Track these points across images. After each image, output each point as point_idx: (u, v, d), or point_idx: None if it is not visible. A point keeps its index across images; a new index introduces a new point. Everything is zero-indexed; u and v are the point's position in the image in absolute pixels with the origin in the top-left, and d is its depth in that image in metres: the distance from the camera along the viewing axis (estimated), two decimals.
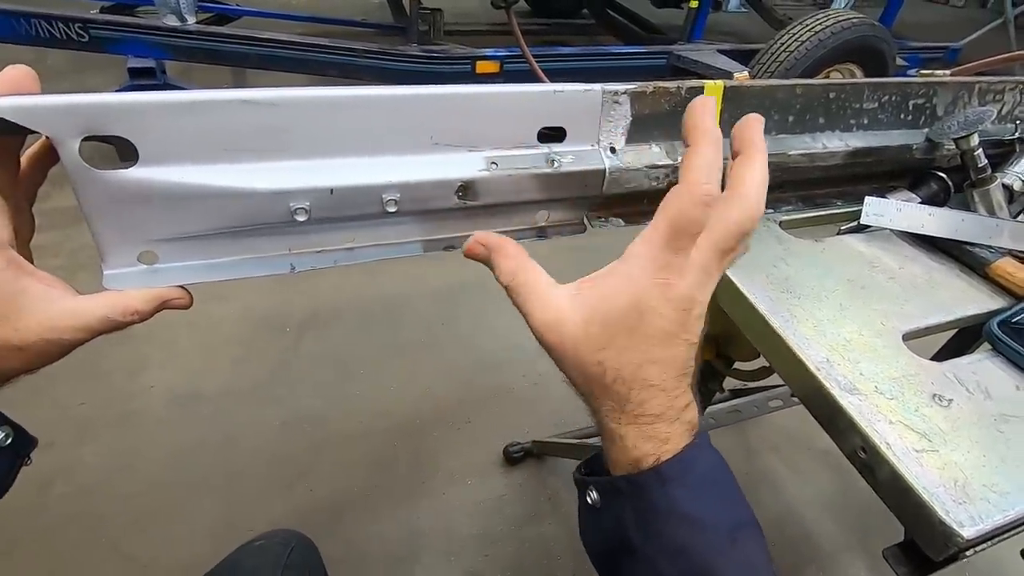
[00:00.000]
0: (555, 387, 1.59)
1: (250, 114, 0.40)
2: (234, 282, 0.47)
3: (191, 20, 1.99)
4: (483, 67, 2.12)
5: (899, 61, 2.33)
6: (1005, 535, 0.39)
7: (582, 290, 0.36)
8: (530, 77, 2.02)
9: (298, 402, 1.46)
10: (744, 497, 0.39)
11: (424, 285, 1.86)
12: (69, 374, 1.41)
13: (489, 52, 2.15)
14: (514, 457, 1.39)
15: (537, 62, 1.97)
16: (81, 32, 1.88)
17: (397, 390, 1.53)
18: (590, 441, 1.28)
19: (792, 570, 1.28)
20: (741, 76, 2.12)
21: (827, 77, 2.16)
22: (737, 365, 0.75)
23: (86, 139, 0.37)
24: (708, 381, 0.78)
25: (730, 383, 1.33)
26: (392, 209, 0.46)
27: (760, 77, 2.06)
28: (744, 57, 2.38)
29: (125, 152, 0.40)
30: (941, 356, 0.86)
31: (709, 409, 1.20)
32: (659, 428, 0.35)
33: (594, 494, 0.38)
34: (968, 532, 0.37)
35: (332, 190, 0.44)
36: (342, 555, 1.18)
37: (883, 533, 1.34)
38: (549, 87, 0.49)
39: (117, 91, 0.40)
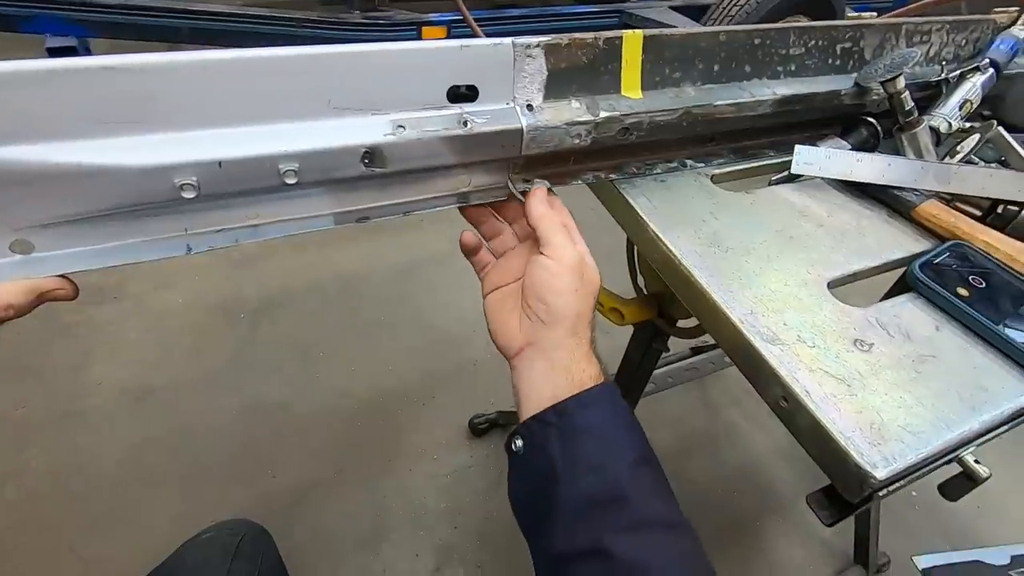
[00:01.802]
0: None
1: (118, 82, 0.37)
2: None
3: None
4: (429, 32, 2.04)
5: (849, 12, 2.33)
6: (918, 473, 0.40)
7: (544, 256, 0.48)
8: None
9: (256, 389, 1.43)
10: (649, 444, 0.45)
11: (381, 262, 1.83)
12: (4, 376, 1.35)
13: (435, 17, 2.07)
14: (480, 429, 1.39)
15: (485, 25, 1.91)
16: None
17: (358, 370, 1.51)
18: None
19: (756, 516, 1.32)
20: None
21: None
22: (681, 323, 0.75)
23: None
24: (653, 341, 0.78)
25: (689, 343, 1.35)
26: (291, 180, 0.43)
27: None
28: (697, 13, 2.34)
29: None
30: None
31: (667, 368, 1.21)
32: (594, 362, 0.46)
33: (519, 441, 0.45)
34: (881, 473, 0.38)
35: (220, 163, 0.41)
36: (309, 539, 1.17)
37: None
38: (455, 42, 0.46)
39: None
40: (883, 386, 0.43)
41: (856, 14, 0.67)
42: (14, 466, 1.21)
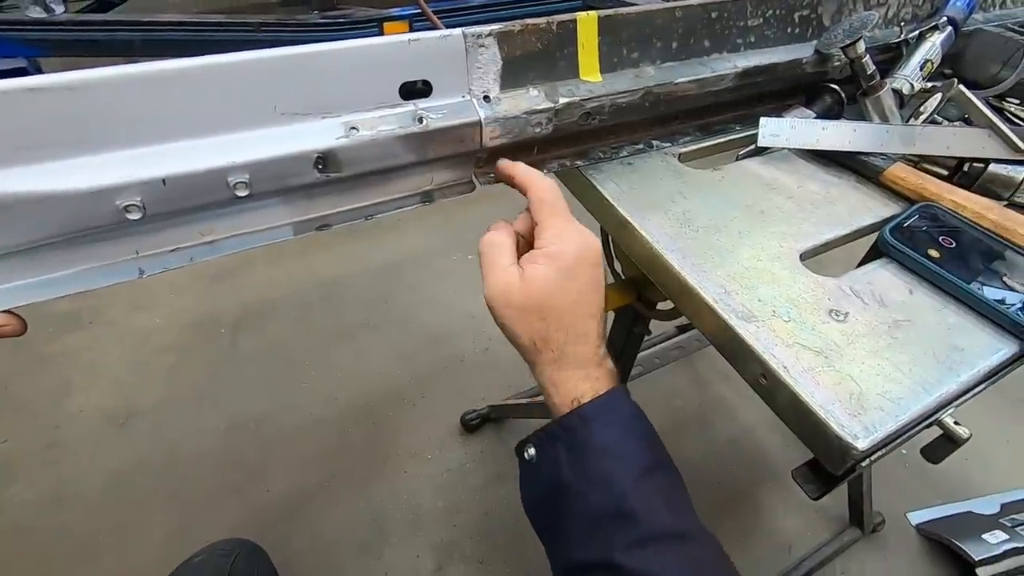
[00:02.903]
0: (506, 351, 1.57)
1: (44, 103, 0.35)
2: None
3: (60, 10, 1.79)
4: (392, 28, 2.00)
5: None
6: (899, 440, 0.39)
7: (524, 268, 0.43)
8: None
9: (242, 403, 1.41)
10: (662, 445, 0.43)
11: (359, 265, 1.80)
12: None
13: (396, 12, 2.02)
14: (472, 425, 1.38)
15: (444, 17, 1.87)
16: None
17: (345, 375, 1.49)
18: (541, 399, 1.28)
19: (750, 486, 1.33)
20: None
21: None
22: (660, 305, 0.74)
23: None
24: (634, 325, 0.78)
25: (675, 323, 1.35)
26: (243, 193, 0.42)
27: None
28: None
29: None
30: None
31: (653, 349, 1.21)
32: (591, 371, 0.43)
33: (531, 450, 0.44)
34: (863, 444, 0.37)
35: (164, 180, 0.39)
36: (307, 549, 1.16)
37: None
38: (402, 37, 0.45)
39: None
40: (860, 355, 0.43)
41: None
42: (0, 502, 1.18)
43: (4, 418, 1.32)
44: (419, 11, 2.05)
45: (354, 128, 0.44)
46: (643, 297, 0.72)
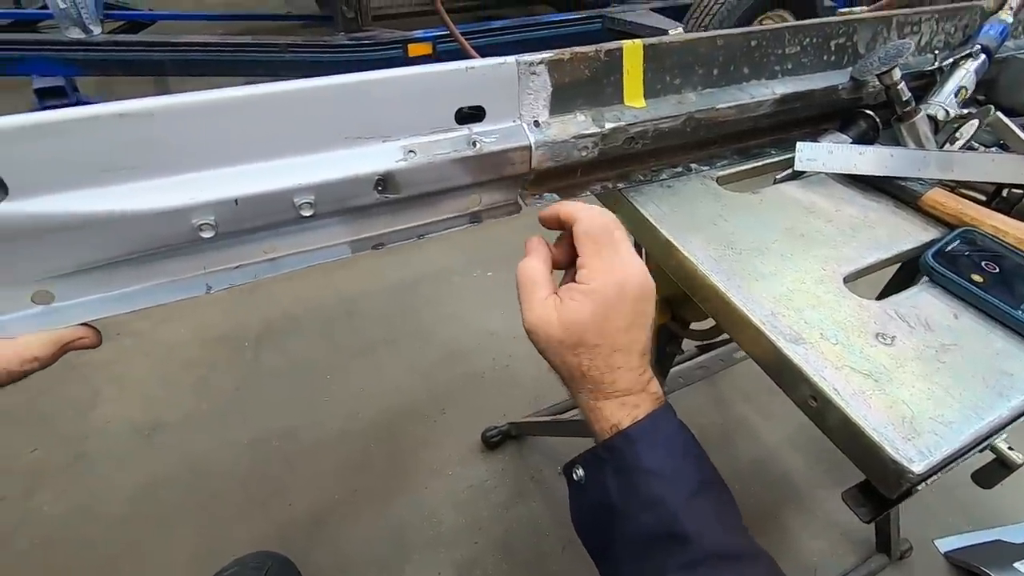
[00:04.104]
0: (526, 367, 1.59)
1: (130, 128, 0.37)
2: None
3: (96, 31, 1.86)
4: (415, 50, 2.06)
5: (827, 2, 2.36)
6: (954, 463, 0.40)
7: (563, 300, 0.43)
8: (464, 57, 1.97)
9: (265, 417, 1.42)
10: (710, 462, 0.44)
11: (381, 281, 1.82)
12: (15, 420, 1.34)
13: (420, 34, 2.08)
14: (492, 442, 1.38)
15: (469, 39, 1.92)
16: None
17: (366, 391, 1.50)
18: (565, 416, 1.28)
19: (773, 508, 1.32)
20: (676, 32, 2.11)
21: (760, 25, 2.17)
22: (693, 325, 0.75)
23: None
24: (667, 344, 0.78)
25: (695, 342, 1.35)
26: (308, 213, 0.43)
27: (695, 31, 2.06)
28: (678, 13, 2.36)
29: None
30: (886, 294, 0.89)
31: (677, 369, 1.21)
32: (630, 399, 0.43)
33: (580, 471, 0.44)
34: (918, 467, 0.38)
35: (237, 200, 0.41)
36: (330, 564, 1.16)
37: (852, 467, 1.39)
38: (460, 64, 0.47)
39: None
40: (910, 378, 0.43)
41: (846, 9, 0.68)
42: (25, 514, 1.19)
43: (34, 428, 1.34)
44: (441, 33, 2.11)
45: (412, 151, 0.46)
46: (677, 316, 0.73)
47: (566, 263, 0.48)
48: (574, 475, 0.45)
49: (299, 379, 1.52)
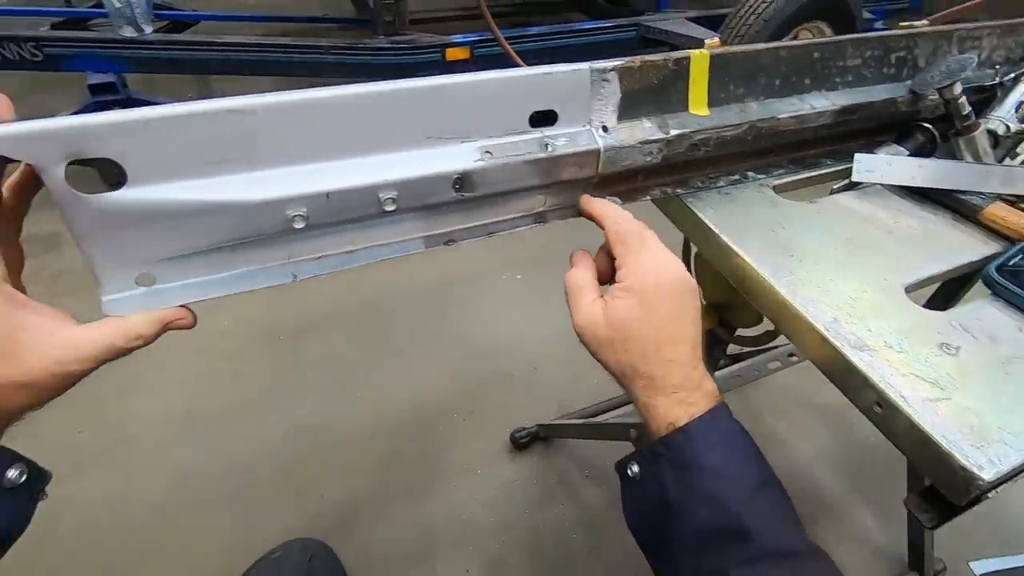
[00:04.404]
0: (555, 370, 1.60)
1: (238, 123, 0.39)
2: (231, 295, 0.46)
3: (148, 30, 1.93)
4: (453, 54, 2.09)
5: (865, 15, 2.34)
6: (1022, 473, 0.40)
7: (607, 301, 0.46)
8: (501, 61, 2.00)
9: (299, 410, 1.45)
10: (767, 463, 0.44)
11: (414, 281, 1.85)
12: (64, 403, 1.37)
13: (458, 39, 2.11)
14: (521, 443, 1.39)
15: (509, 44, 1.94)
16: (35, 51, 1.81)
17: (397, 388, 1.52)
18: (595, 420, 1.29)
19: (805, 523, 1.30)
20: (713, 43, 2.11)
21: (796, 37, 2.17)
22: (740, 332, 0.75)
23: (71, 164, 0.36)
24: (712, 349, 0.79)
25: (731, 349, 1.35)
26: (390, 208, 0.45)
27: (731, 42, 2.06)
28: (714, 23, 2.37)
29: (108, 174, 0.38)
30: (932, 306, 0.88)
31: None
32: (683, 395, 0.43)
33: (635, 467, 0.45)
34: (988, 475, 0.38)
35: (328, 194, 0.43)
36: (360, 558, 1.18)
37: (884, 483, 1.37)
38: (537, 70, 0.48)
39: (80, 110, 0.38)
40: (976, 388, 0.44)
41: (907, 23, 0.68)
42: (71, 494, 1.24)
43: (82, 410, 1.39)
44: (479, 38, 2.14)
45: (488, 152, 0.48)
46: (724, 322, 0.74)
47: (608, 274, 0.50)
48: (628, 471, 0.45)
49: (333, 374, 1.55)
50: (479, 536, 1.24)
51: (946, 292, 0.95)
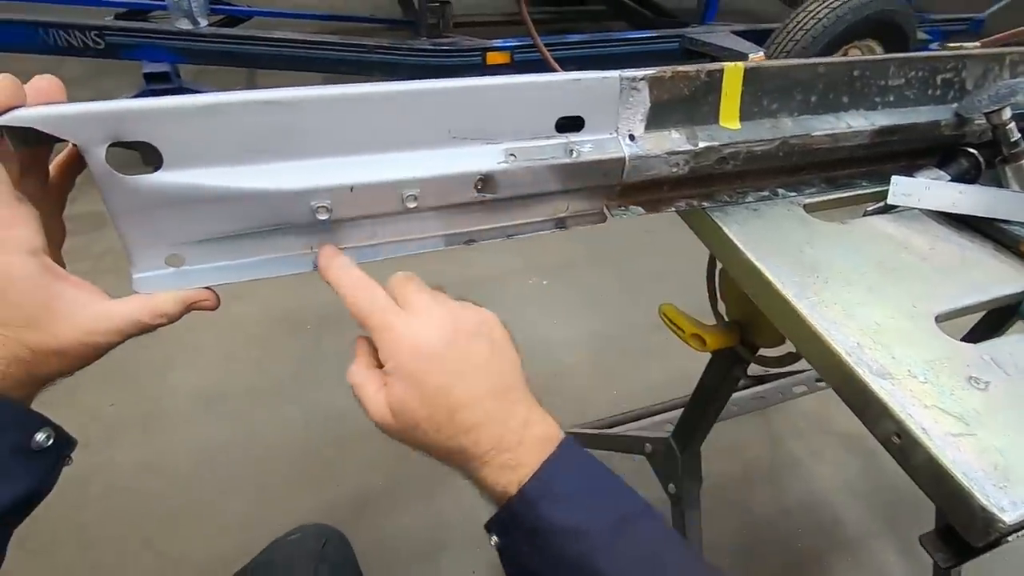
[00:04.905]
0: (575, 378, 1.59)
1: (270, 114, 0.41)
2: (251, 281, 0.47)
3: (203, 23, 2.01)
4: (493, 58, 2.11)
5: (920, 35, 2.27)
6: None
7: (387, 392, 0.41)
8: (541, 67, 2.01)
9: (320, 399, 1.48)
10: (627, 488, 0.40)
11: (443, 277, 1.83)
12: (99, 376, 1.44)
13: (499, 43, 2.13)
14: None
15: (548, 51, 1.95)
16: (97, 39, 1.90)
17: None
18: (611, 431, 1.28)
19: (822, 556, 1.26)
20: (757, 57, 2.08)
21: (845, 55, 2.11)
22: (762, 352, 0.74)
23: (112, 145, 0.37)
24: (732, 368, 0.77)
25: (754, 369, 1.32)
26: (412, 204, 0.46)
27: (776, 57, 2.02)
28: (759, 37, 2.33)
29: (149, 157, 0.40)
30: (972, 337, 0.84)
31: (733, 396, 1.18)
32: (505, 458, 0.39)
33: (494, 538, 0.41)
34: (1010, 517, 0.36)
35: (352, 187, 0.44)
36: (371, 547, 1.19)
37: (911, 518, 1.32)
38: (566, 76, 0.49)
39: (134, 97, 0.40)
40: (1004, 427, 0.42)
41: (957, 44, 0.66)
42: (102, 461, 1.29)
43: (114, 384, 1.44)
44: (519, 43, 2.15)
45: (513, 155, 0.48)
46: (746, 340, 0.72)
47: None
48: (491, 541, 0.41)
49: None
50: (487, 537, 1.24)
51: (990, 325, 0.92)
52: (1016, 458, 0.40)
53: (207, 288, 0.44)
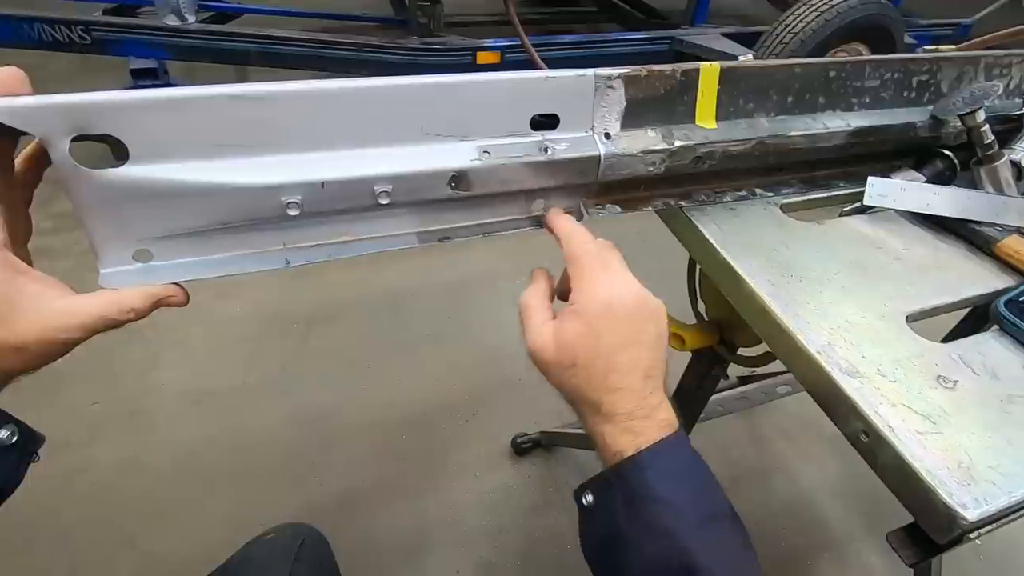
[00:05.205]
0: None
1: (238, 109, 0.40)
2: (240, 279, 0.47)
3: (191, 19, 1.99)
4: (484, 58, 2.11)
5: (908, 39, 2.28)
6: (1010, 517, 0.38)
7: (557, 324, 0.44)
8: (531, 67, 2.00)
9: (307, 397, 1.47)
10: (724, 494, 0.43)
11: (432, 278, 1.87)
12: (82, 374, 1.43)
13: (489, 43, 2.13)
14: (522, 448, 1.39)
15: (538, 51, 1.95)
16: (84, 35, 1.88)
17: (405, 383, 1.53)
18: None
19: (805, 556, 1.27)
20: (746, 59, 2.08)
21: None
22: (741, 351, 0.74)
23: (76, 139, 0.37)
24: (712, 367, 0.78)
25: (739, 370, 1.32)
26: (385, 201, 0.46)
27: (765, 59, 2.03)
28: (749, 40, 2.34)
29: (119, 151, 0.40)
30: (952, 338, 0.85)
31: (716, 396, 1.19)
32: (632, 424, 0.42)
33: (589, 496, 0.43)
34: (972, 514, 0.37)
35: (323, 183, 0.44)
36: (354, 548, 1.19)
37: (895, 518, 1.33)
38: (541, 73, 0.49)
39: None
40: (970, 425, 0.42)
41: (932, 47, 0.66)
42: (85, 459, 1.28)
43: (97, 383, 1.43)
44: (510, 43, 2.15)
45: (487, 152, 0.48)
46: (725, 340, 0.73)
47: (568, 293, 0.48)
48: (584, 500, 0.43)
49: (342, 364, 1.57)
50: (472, 538, 1.24)
51: (973, 326, 0.92)
52: (980, 456, 0.40)
53: (176, 284, 0.44)
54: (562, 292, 0.49)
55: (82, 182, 0.38)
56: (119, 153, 0.40)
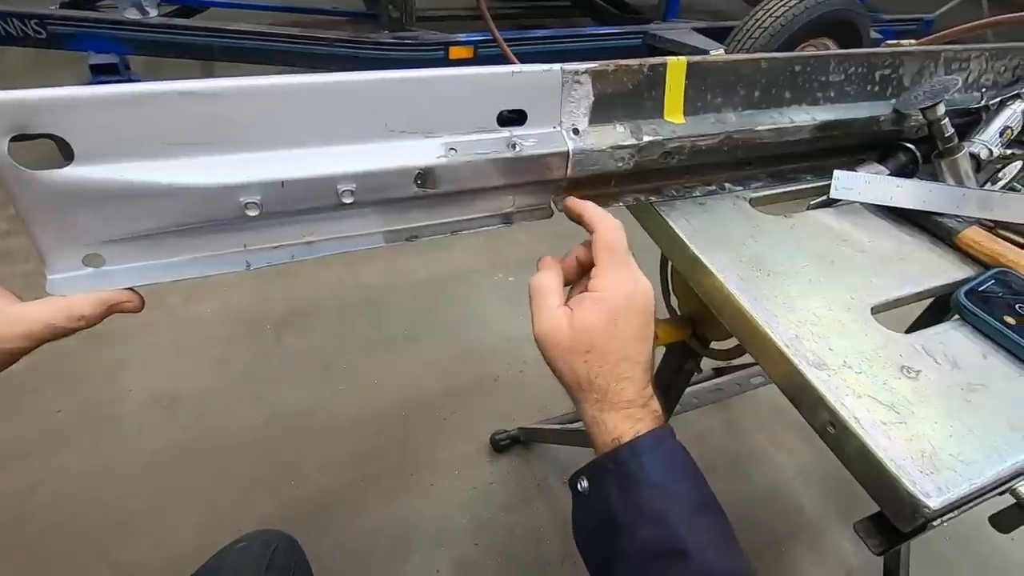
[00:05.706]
0: (540, 374, 1.59)
1: (190, 106, 0.39)
2: (209, 279, 0.45)
3: (153, 13, 1.93)
4: (456, 53, 2.09)
5: (873, 34, 2.33)
6: (972, 503, 0.39)
7: (574, 308, 0.45)
8: (503, 62, 1.99)
9: (280, 399, 1.44)
10: (707, 484, 0.44)
11: (407, 277, 1.85)
12: (44, 381, 1.38)
13: (462, 37, 2.11)
14: (501, 445, 1.39)
15: (510, 45, 1.94)
16: (38, 28, 1.81)
17: (381, 383, 1.52)
18: (575, 426, 1.28)
19: (781, 542, 1.29)
20: (717, 54, 2.10)
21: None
22: (714, 344, 0.75)
23: (16, 138, 0.35)
24: (686, 361, 0.78)
25: (714, 362, 1.34)
26: (348, 200, 0.45)
27: (736, 54, 2.05)
28: (720, 34, 2.36)
29: (66, 151, 0.38)
30: (916, 328, 0.87)
31: (691, 389, 1.20)
32: (632, 411, 0.44)
33: (584, 482, 0.44)
34: (935, 502, 0.37)
35: (283, 182, 0.42)
36: (332, 550, 1.17)
37: (868, 505, 1.36)
38: (507, 68, 0.48)
39: None
40: (933, 414, 0.43)
41: (894, 41, 0.67)
42: (50, 469, 1.23)
43: (61, 390, 1.38)
44: (482, 38, 2.14)
45: (453, 149, 0.47)
46: (698, 334, 0.73)
47: (574, 279, 0.50)
48: (579, 486, 0.45)
49: (317, 365, 1.54)
50: (453, 536, 1.24)
51: (931, 317, 0.95)
52: (943, 445, 0.41)
53: (130, 289, 0.42)
54: (566, 276, 0.50)
55: (24, 184, 0.36)
56: (66, 153, 0.38)
